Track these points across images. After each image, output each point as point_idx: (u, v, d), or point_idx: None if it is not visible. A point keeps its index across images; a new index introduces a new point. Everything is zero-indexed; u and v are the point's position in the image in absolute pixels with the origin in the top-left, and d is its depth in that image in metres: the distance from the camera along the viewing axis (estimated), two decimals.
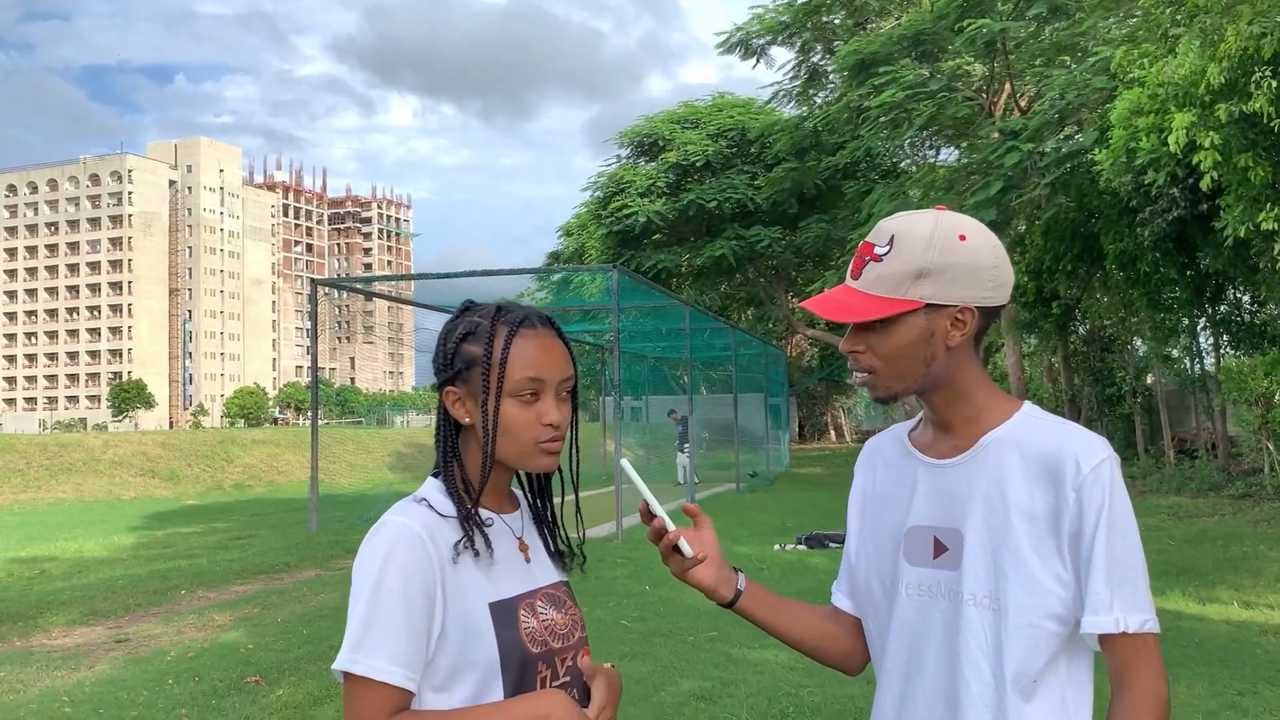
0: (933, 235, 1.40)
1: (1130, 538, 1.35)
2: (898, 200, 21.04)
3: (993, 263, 1.41)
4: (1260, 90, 11.05)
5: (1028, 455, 1.39)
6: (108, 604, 9.37)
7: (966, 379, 1.46)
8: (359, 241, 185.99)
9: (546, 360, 1.47)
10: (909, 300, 1.39)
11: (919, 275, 1.39)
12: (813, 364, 50.85)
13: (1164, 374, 21.04)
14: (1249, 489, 14.61)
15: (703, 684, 5.88)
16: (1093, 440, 1.38)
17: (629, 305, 19.73)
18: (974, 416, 1.46)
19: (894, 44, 21.20)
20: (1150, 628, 1.34)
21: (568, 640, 1.50)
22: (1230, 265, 15.59)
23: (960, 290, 1.39)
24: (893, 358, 1.42)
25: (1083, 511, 1.34)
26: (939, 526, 1.44)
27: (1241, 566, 9.40)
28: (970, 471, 1.43)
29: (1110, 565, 1.33)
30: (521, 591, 1.47)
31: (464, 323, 1.50)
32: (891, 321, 1.40)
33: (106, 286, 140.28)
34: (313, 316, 15.23)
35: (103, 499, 24.21)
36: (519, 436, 1.45)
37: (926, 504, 1.47)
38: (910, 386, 1.44)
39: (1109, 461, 1.36)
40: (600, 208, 33.72)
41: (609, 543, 12.52)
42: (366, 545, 1.39)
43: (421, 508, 1.44)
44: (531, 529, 1.60)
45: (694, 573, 1.53)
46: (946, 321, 1.40)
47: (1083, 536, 1.34)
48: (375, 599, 1.34)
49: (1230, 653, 6.32)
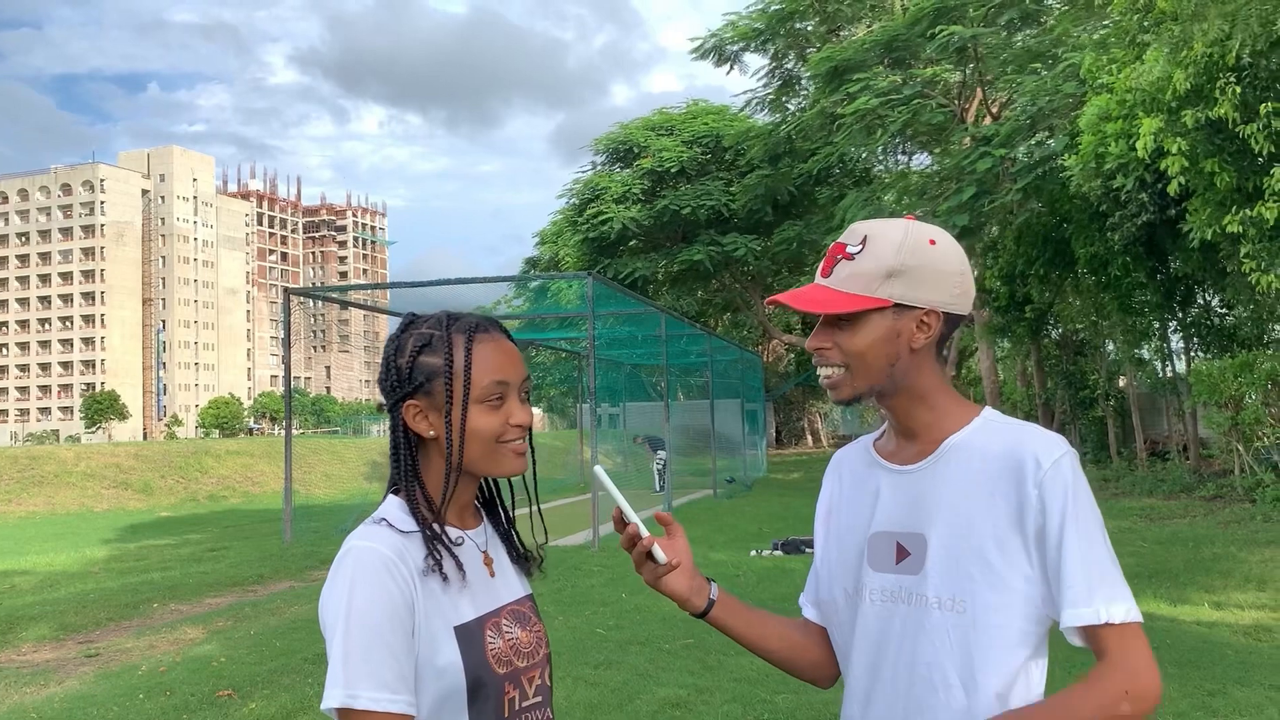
0: (904, 238, 1.44)
1: (1097, 530, 1.36)
2: (871, 206, 21.14)
3: (959, 270, 1.46)
4: (1225, 96, 11.18)
5: (988, 457, 1.41)
6: (79, 618, 9.26)
7: (928, 385, 1.48)
8: (334, 250, 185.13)
9: (508, 363, 1.46)
10: (878, 299, 1.42)
11: (889, 275, 1.42)
12: (789, 369, 50.98)
13: (1136, 377, 21.22)
14: (1220, 490, 14.75)
15: (678, 692, 5.87)
16: (1050, 438, 1.40)
17: (605, 312, 19.72)
18: (935, 422, 1.48)
19: (867, 50, 21.34)
20: (1134, 616, 1.34)
21: (533, 658, 1.48)
22: (1199, 269, 15.76)
23: (927, 293, 1.43)
24: (859, 355, 1.44)
25: (1045, 508, 1.35)
26: (902, 532, 1.45)
27: (1212, 567, 9.48)
28: (932, 476, 1.45)
29: (1084, 558, 1.33)
30: (487, 611, 1.44)
31: (415, 335, 1.46)
32: (860, 320, 1.44)
33: (79, 297, 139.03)
34: (285, 326, 15.15)
35: (75, 511, 23.95)
36: (488, 442, 1.44)
37: (889, 510, 1.48)
38: (874, 386, 1.46)
39: (1068, 456, 1.37)
40: (576, 214, 33.72)
41: (585, 550, 12.49)
42: (333, 576, 1.34)
43: (384, 529, 1.39)
44: (495, 540, 1.57)
45: (667, 581, 1.52)
46: (912, 323, 1.44)
47: (1048, 533, 1.35)
48: (351, 629, 1.28)
49: (1201, 653, 6.37)
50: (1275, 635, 6.81)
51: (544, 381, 43.16)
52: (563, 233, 36.95)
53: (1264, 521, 11.95)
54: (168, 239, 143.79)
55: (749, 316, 39.76)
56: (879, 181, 24.93)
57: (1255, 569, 9.23)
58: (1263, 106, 11.30)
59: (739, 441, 29.52)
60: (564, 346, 27.13)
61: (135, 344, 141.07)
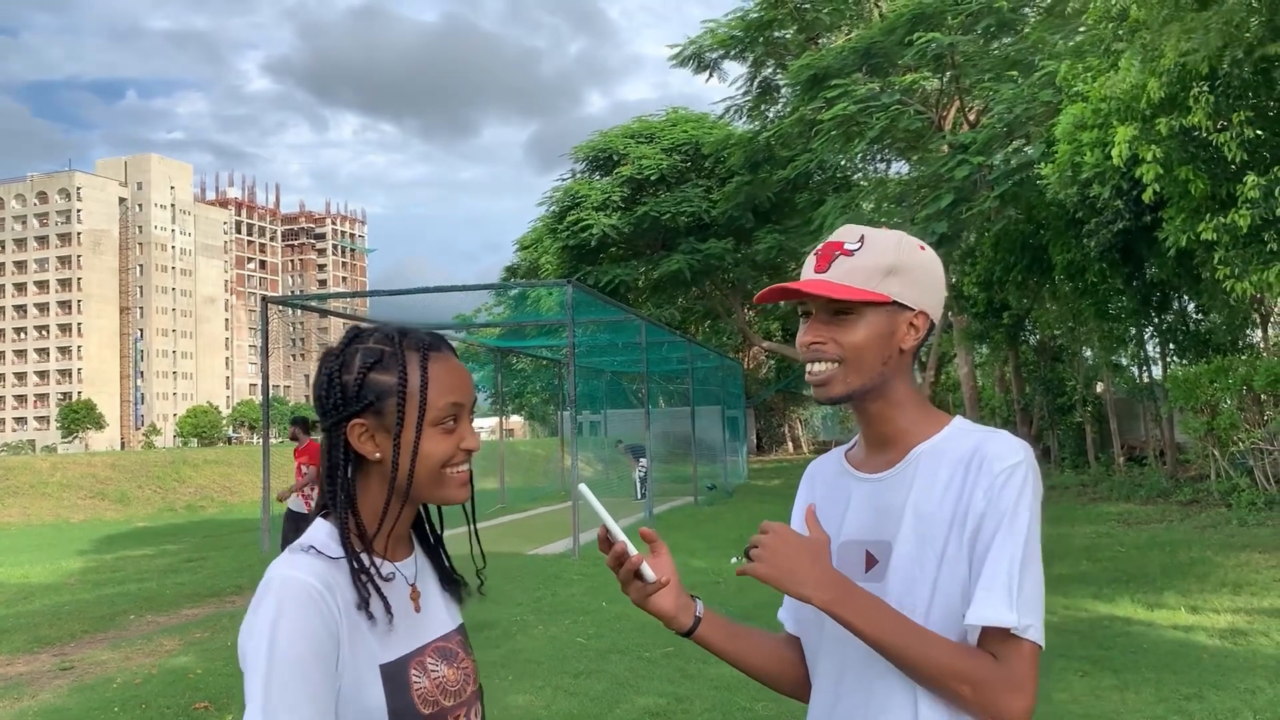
0: (900, 240, 1.47)
1: (1031, 545, 1.34)
2: (849, 212, 21.24)
3: (943, 278, 1.52)
4: (1198, 104, 11.29)
5: (950, 462, 1.41)
6: (53, 631, 9.18)
7: (902, 392, 1.49)
8: (313, 258, 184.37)
9: (462, 383, 1.40)
10: (880, 294, 1.43)
11: (889, 272, 1.44)
12: (770, 376, 51.07)
13: (1113, 383, 21.37)
14: (1196, 495, 14.85)
15: (658, 700, 5.86)
16: (1010, 444, 1.39)
17: (585, 320, 19.70)
18: (906, 430, 1.48)
19: (845, 58, 21.44)
20: (1033, 635, 1.31)
21: (460, 696, 1.41)
22: (1174, 275, 15.90)
23: (921, 294, 1.46)
24: (857, 350, 1.44)
25: (986, 511, 1.34)
26: (870, 540, 1.45)
27: (1189, 572, 9.54)
28: (899, 484, 1.45)
29: (1008, 565, 1.32)
30: (412, 649, 1.37)
31: (363, 351, 1.38)
32: (859, 314, 1.44)
33: (55, 305, 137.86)
34: (264, 334, 15.06)
35: (50, 522, 23.74)
36: (435, 467, 1.37)
37: (858, 519, 1.48)
38: (865, 384, 1.45)
39: (1023, 466, 1.36)
40: (556, 222, 33.69)
41: (566, 559, 12.47)
42: (255, 607, 1.26)
43: (311, 557, 1.31)
44: (425, 570, 1.49)
45: (655, 600, 1.50)
46: (905, 324, 1.46)
47: (981, 535, 1.34)
48: (273, 666, 1.21)
49: (1177, 658, 6.41)
50: (1251, 639, 6.86)
51: (524, 389, 43.08)
52: (542, 240, 36.92)
53: (1239, 526, 12.04)
54: (145, 247, 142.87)
55: (729, 323, 39.82)
56: (858, 188, 25.04)
57: (1231, 573, 9.30)
58: (1235, 115, 11.41)
59: (720, 448, 29.54)
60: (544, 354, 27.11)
61: (113, 353, 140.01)
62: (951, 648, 1.32)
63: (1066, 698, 5.60)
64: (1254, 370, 13.64)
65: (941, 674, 1.31)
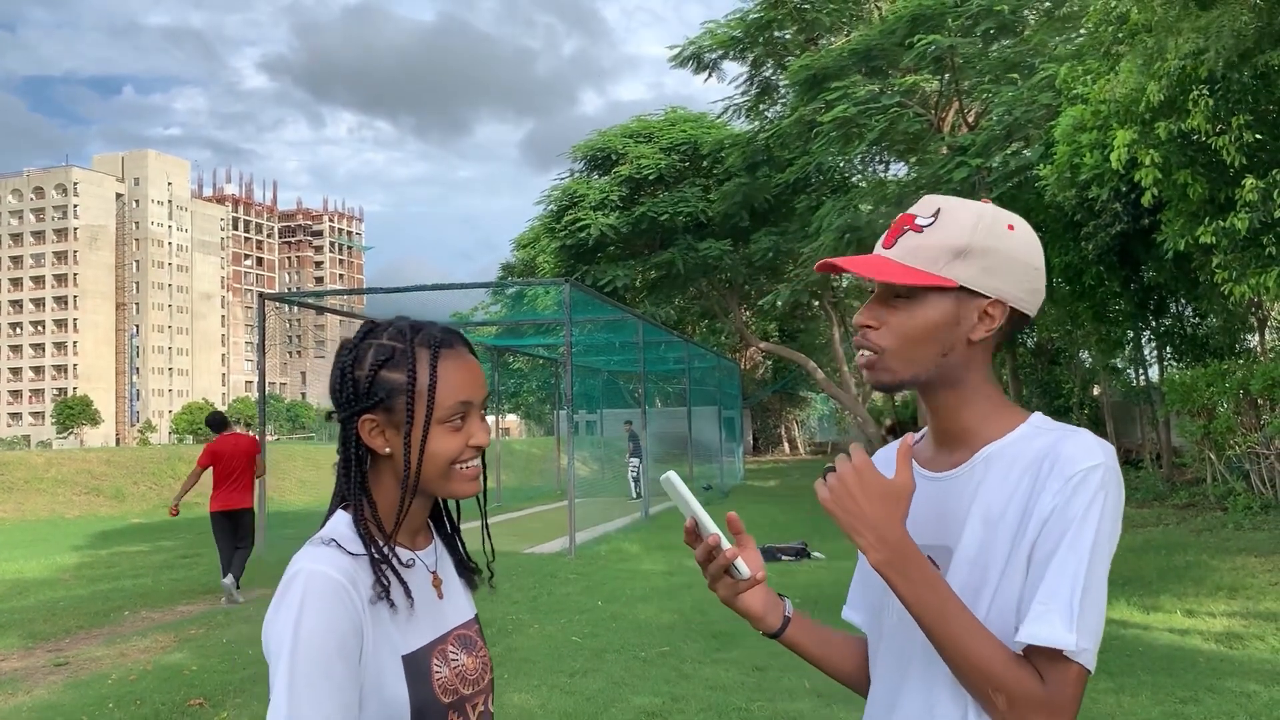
0: (980, 217, 1.31)
1: (1101, 558, 1.21)
2: (847, 214, 21.21)
3: (1035, 264, 1.33)
4: (1198, 108, 11.28)
5: (1022, 464, 1.28)
6: (48, 626, 9.16)
7: (977, 384, 1.35)
8: (310, 255, 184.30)
9: (472, 381, 1.41)
10: (943, 278, 1.29)
11: (958, 254, 1.30)
12: (766, 376, 51.09)
13: (1110, 385, 21.38)
14: (1192, 498, 14.86)
15: (654, 700, 5.86)
16: (1090, 444, 1.25)
17: (582, 319, 19.71)
18: (976, 427, 1.35)
19: (845, 59, 21.43)
20: (1086, 660, 1.18)
21: (478, 685, 1.44)
22: (1172, 279, 15.90)
23: (998, 281, 1.30)
24: (910, 338, 1.32)
25: (1054, 517, 1.21)
26: (931, 545, 1.32)
27: (1185, 575, 9.55)
28: (964, 486, 1.32)
29: (1071, 576, 1.19)
30: (434, 638, 1.40)
31: (375, 346, 1.39)
32: (919, 298, 1.31)
33: (51, 301, 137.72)
34: (260, 331, 15.04)
35: (45, 518, 23.68)
36: (445, 463, 1.38)
37: (920, 521, 1.33)
38: (919, 374, 1.33)
39: (1102, 470, 1.23)
40: (554, 221, 33.68)
41: (561, 558, 12.46)
42: (280, 599, 1.28)
43: (333, 550, 1.33)
44: (445, 557, 1.52)
45: (744, 598, 1.40)
46: (975, 312, 1.31)
47: (1044, 542, 1.22)
48: (298, 657, 1.23)
49: (1174, 661, 6.41)
50: (1246, 642, 6.86)
51: (521, 388, 43.08)
52: (540, 239, 36.91)
53: (1235, 529, 12.05)
54: (142, 243, 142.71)
55: (726, 324, 39.82)
56: (856, 190, 25.03)
57: (1227, 577, 9.31)
58: (1234, 119, 11.41)
59: (716, 448, 29.56)
60: (541, 353, 27.10)
61: (108, 349, 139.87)
62: (999, 652, 1.20)
63: None
64: (1251, 374, 13.65)
65: (980, 675, 1.20)
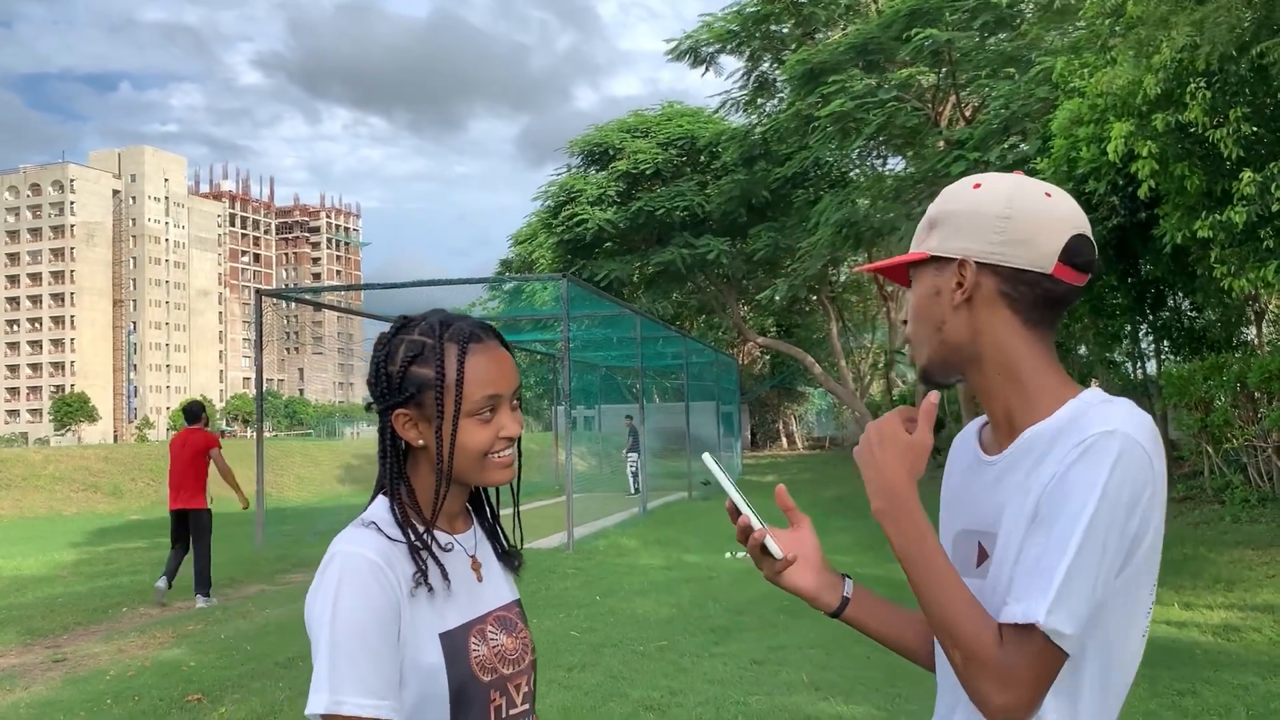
0: (956, 186, 1.32)
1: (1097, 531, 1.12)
2: (845, 209, 21.20)
3: (1001, 212, 1.25)
4: (1195, 101, 11.27)
5: (1063, 436, 1.20)
6: (46, 623, 9.16)
7: (1006, 356, 1.28)
8: (307, 251, 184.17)
9: (500, 374, 1.44)
10: (916, 252, 1.31)
11: (931, 224, 1.31)
12: (764, 371, 51.11)
13: (1108, 379, 21.38)
14: (1190, 492, 14.86)
15: (651, 694, 5.86)
16: (1112, 412, 1.18)
17: (580, 314, 19.69)
18: (1017, 409, 1.28)
19: (842, 53, 21.41)
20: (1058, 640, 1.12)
21: (519, 665, 1.47)
22: (1169, 272, 15.90)
23: (959, 241, 1.27)
24: (913, 320, 1.34)
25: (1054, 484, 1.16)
26: (980, 530, 1.30)
27: (1182, 568, 9.55)
28: (1008, 471, 1.27)
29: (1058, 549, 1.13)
30: (473, 617, 1.43)
31: (406, 343, 1.43)
32: (916, 283, 1.33)
33: (48, 298, 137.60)
34: (257, 327, 15.03)
35: (44, 515, 23.67)
36: (477, 454, 1.42)
37: (973, 506, 1.33)
38: (931, 356, 1.32)
39: (1115, 437, 1.14)
40: (551, 216, 33.66)
41: (560, 553, 12.46)
42: (319, 579, 1.32)
43: (372, 533, 1.37)
44: (484, 543, 1.56)
45: (788, 576, 1.37)
46: (952, 279, 1.28)
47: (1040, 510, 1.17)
48: (337, 633, 1.27)
49: (1171, 653, 6.42)
50: (1244, 635, 6.87)
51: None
52: (537, 234, 36.89)
53: (1233, 522, 12.06)
54: (139, 240, 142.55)
55: (724, 319, 39.81)
56: (854, 185, 25.01)
57: (1224, 569, 9.32)
58: (1232, 111, 11.40)
59: (714, 443, 29.57)
60: (539, 349, 27.09)
61: (106, 345, 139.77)
62: (969, 612, 1.18)
63: None
64: (1248, 367, 13.65)
65: (945, 631, 1.19)
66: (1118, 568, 1.16)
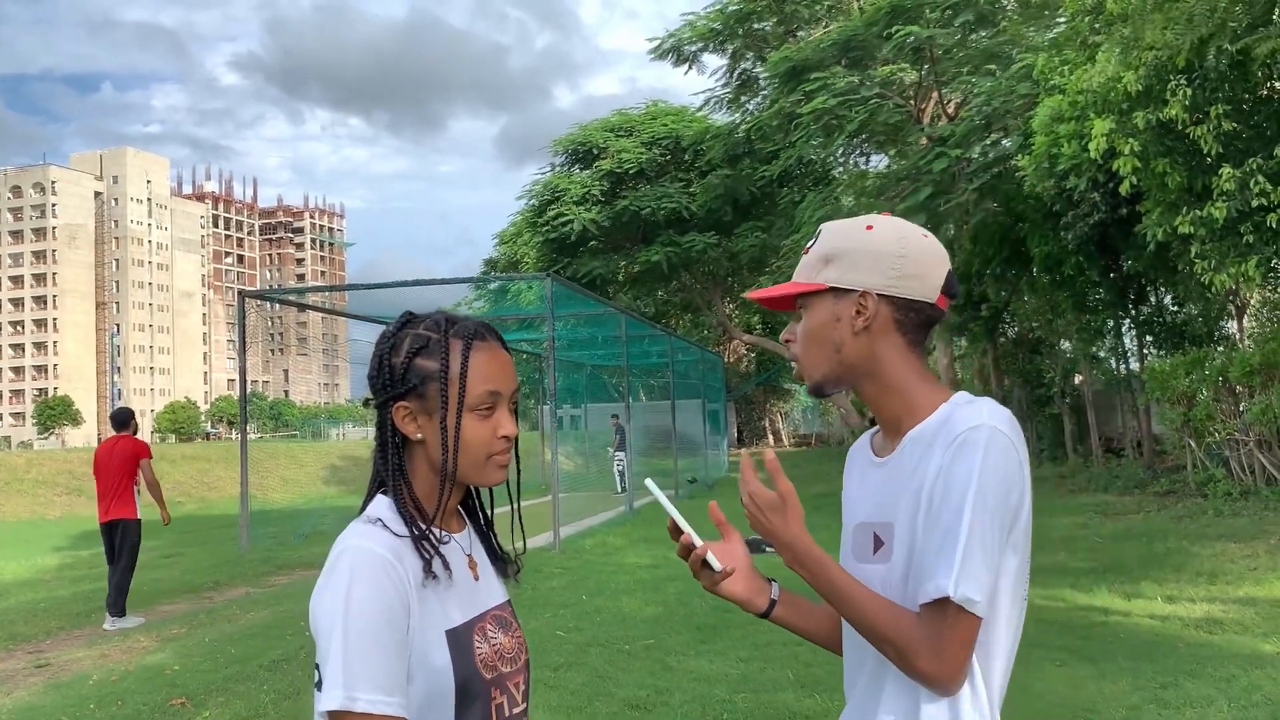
0: (844, 225, 1.50)
1: (983, 509, 1.31)
2: (829, 206, 21.24)
3: (896, 252, 1.45)
4: (1175, 98, 11.35)
5: (940, 435, 1.39)
6: (28, 628, 9.11)
7: (894, 372, 1.48)
8: (291, 252, 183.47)
9: (502, 373, 1.46)
10: (814, 283, 1.48)
11: (825, 260, 1.48)
12: (750, 369, 51.17)
13: (1091, 374, 21.50)
14: (1173, 486, 14.96)
15: (638, 693, 5.86)
16: (979, 409, 1.38)
17: (565, 313, 19.67)
18: (903, 413, 1.47)
19: (824, 51, 21.45)
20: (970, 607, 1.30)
21: (515, 664, 1.49)
22: (1151, 267, 15.99)
23: (860, 275, 1.45)
24: (807, 343, 1.50)
25: (940, 477, 1.35)
26: (877, 522, 1.47)
27: (1165, 562, 9.61)
28: (897, 466, 1.45)
29: (949, 530, 1.32)
30: (473, 615, 1.45)
31: (411, 336, 1.45)
32: (807, 308, 1.50)
33: (30, 301, 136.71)
34: (241, 329, 14.94)
35: (26, 519, 23.55)
36: (475, 451, 1.44)
37: (870, 502, 1.50)
38: (826, 374, 1.50)
39: (984, 430, 1.33)
40: (536, 215, 33.65)
41: (546, 553, 12.45)
42: (328, 575, 1.33)
43: (379, 529, 1.38)
44: (478, 544, 1.58)
45: (725, 586, 1.53)
46: (851, 308, 1.46)
47: (933, 501, 1.35)
48: (350, 629, 1.27)
49: (1154, 647, 6.45)
50: (1226, 628, 6.91)
51: None
52: (522, 233, 36.85)
53: (1215, 516, 12.14)
54: (121, 241, 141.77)
55: (709, 316, 39.86)
56: (837, 182, 25.07)
57: (1207, 563, 9.37)
58: (1212, 108, 11.48)
59: (701, 441, 29.58)
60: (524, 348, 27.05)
61: (89, 348, 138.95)
62: (885, 610, 1.36)
63: (1044, 687, 5.62)
64: (1230, 362, 13.75)
65: (873, 634, 1.36)
66: (1005, 535, 1.35)
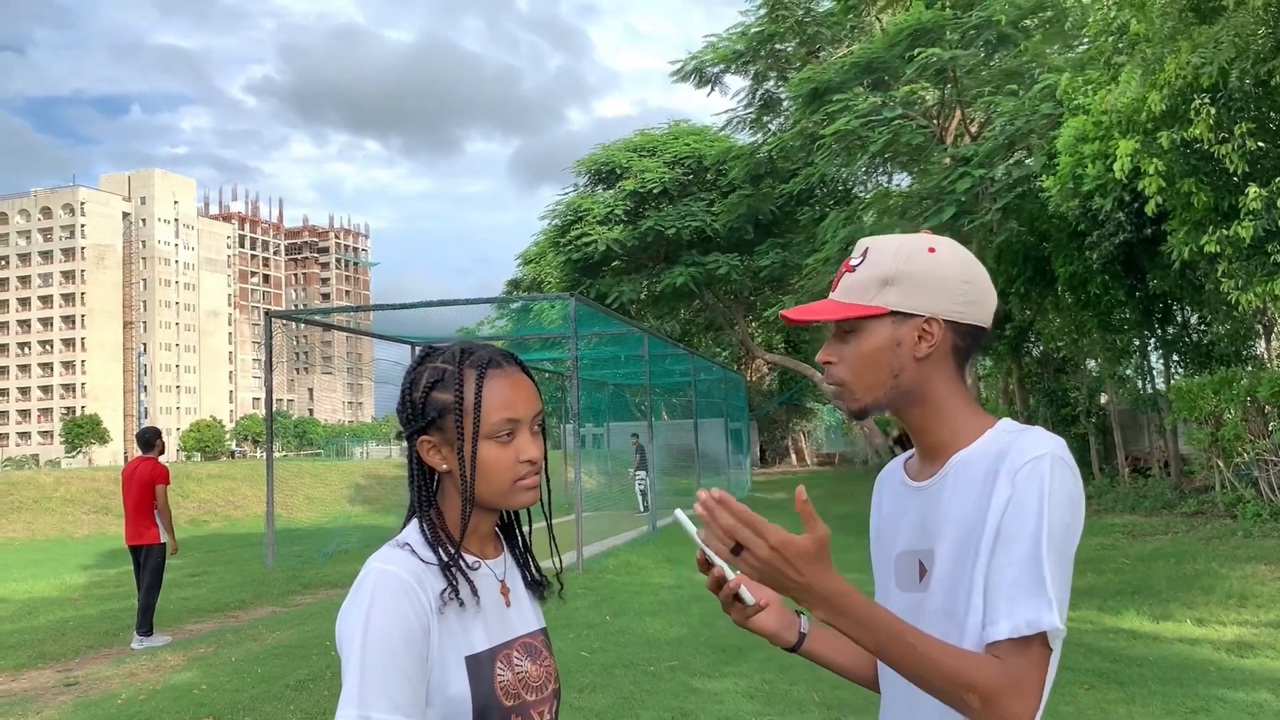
0: (901, 246, 1.44)
1: (1056, 539, 1.29)
2: (851, 225, 21.23)
3: (963, 277, 1.43)
4: (1200, 117, 11.30)
5: (985, 466, 1.37)
6: (57, 646, 9.18)
7: (942, 396, 1.45)
8: (316, 272, 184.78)
9: (518, 398, 1.48)
10: (873, 306, 1.42)
11: (885, 282, 1.42)
12: (773, 388, 51.04)
13: (1117, 394, 21.33)
14: (1201, 506, 14.81)
15: (662, 715, 5.86)
16: (1039, 437, 1.35)
17: (588, 333, 19.73)
18: (948, 438, 1.44)
19: (846, 72, 21.49)
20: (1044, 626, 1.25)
21: (541, 693, 1.50)
22: (1176, 287, 15.88)
23: (926, 300, 1.41)
24: (860, 367, 1.44)
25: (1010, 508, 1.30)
26: (918, 549, 1.44)
27: (1194, 584, 9.51)
28: (940, 492, 1.42)
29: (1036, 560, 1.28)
30: (499, 642, 1.46)
31: (429, 370, 1.48)
32: (860, 330, 1.43)
33: (59, 320, 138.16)
34: (267, 348, 15.07)
35: (55, 537, 23.71)
36: (499, 477, 1.46)
37: (910, 529, 1.47)
38: (879, 399, 1.45)
39: (1048, 459, 1.31)
40: (559, 236, 33.77)
41: (570, 572, 12.45)
42: (352, 596, 1.36)
43: (406, 554, 1.41)
44: (513, 570, 1.59)
45: (756, 620, 1.48)
46: (914, 332, 1.42)
47: (1003, 532, 1.30)
48: (368, 649, 1.30)
49: (1184, 670, 6.39)
50: (1257, 651, 6.84)
51: None
52: (545, 254, 36.98)
53: (1245, 537, 12.01)
54: (149, 261, 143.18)
55: (731, 335, 39.83)
56: (859, 201, 25.06)
57: (1237, 585, 9.27)
58: (1237, 127, 11.42)
59: (723, 461, 29.53)
60: (547, 367, 27.11)
61: (116, 367, 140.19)
62: (956, 657, 1.27)
63: (1072, 710, 5.58)
64: (1258, 381, 13.62)
65: (948, 682, 1.25)
66: (1071, 558, 1.34)
